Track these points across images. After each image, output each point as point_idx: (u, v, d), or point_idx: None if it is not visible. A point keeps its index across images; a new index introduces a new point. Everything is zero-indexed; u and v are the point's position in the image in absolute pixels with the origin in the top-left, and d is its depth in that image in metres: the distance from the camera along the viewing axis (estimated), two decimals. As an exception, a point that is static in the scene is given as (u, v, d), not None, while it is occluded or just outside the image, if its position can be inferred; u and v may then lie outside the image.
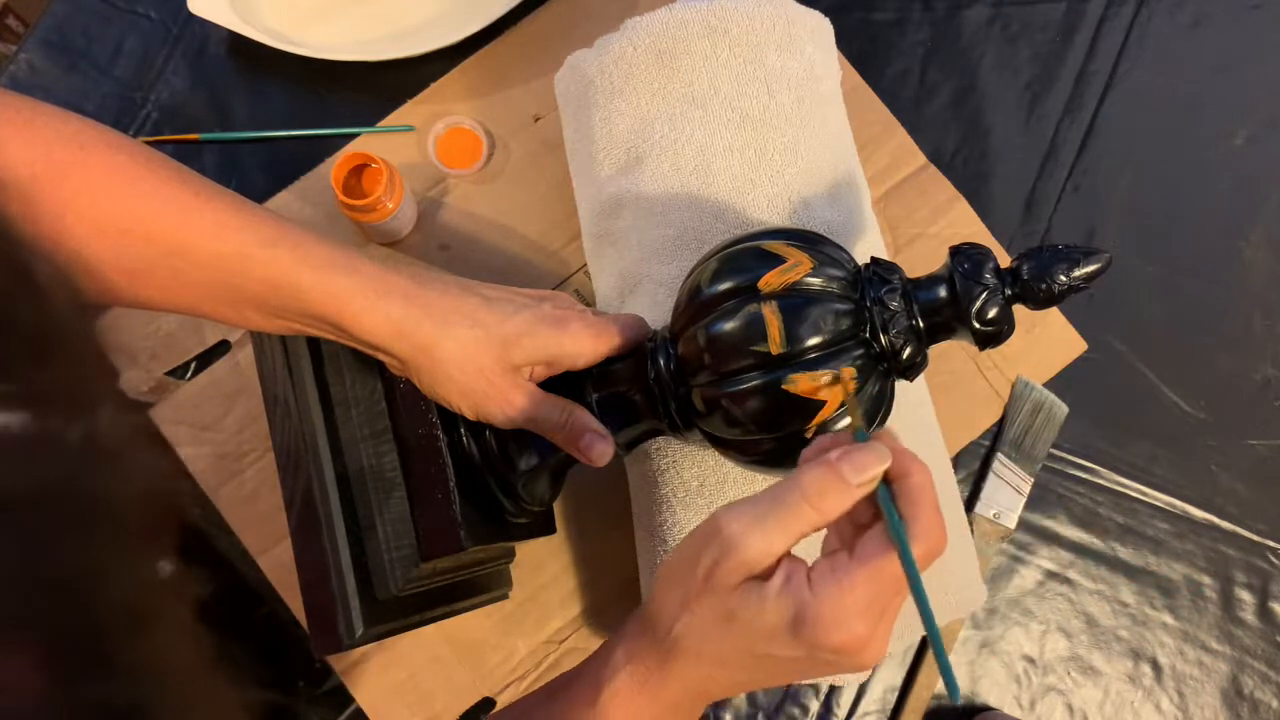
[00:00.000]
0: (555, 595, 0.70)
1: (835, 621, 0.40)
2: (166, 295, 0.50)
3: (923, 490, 0.41)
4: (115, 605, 0.24)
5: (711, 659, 0.43)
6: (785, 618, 0.40)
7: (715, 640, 0.42)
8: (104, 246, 0.47)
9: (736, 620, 0.41)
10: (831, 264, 0.51)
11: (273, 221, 0.50)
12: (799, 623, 0.40)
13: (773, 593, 0.41)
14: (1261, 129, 0.80)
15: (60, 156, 0.46)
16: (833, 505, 0.41)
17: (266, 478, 0.70)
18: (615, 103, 0.64)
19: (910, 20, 0.81)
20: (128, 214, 0.47)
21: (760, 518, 0.41)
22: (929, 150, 0.77)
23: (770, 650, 0.41)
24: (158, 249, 0.48)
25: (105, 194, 0.47)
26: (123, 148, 0.48)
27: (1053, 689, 0.72)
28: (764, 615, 0.41)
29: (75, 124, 0.47)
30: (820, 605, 0.40)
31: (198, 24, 0.76)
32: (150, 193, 0.48)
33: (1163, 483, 0.75)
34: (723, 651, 0.43)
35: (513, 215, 0.74)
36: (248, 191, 0.75)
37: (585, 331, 0.54)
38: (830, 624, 0.40)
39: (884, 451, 0.41)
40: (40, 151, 0.46)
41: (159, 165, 0.49)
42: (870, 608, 0.40)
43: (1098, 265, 0.49)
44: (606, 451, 0.55)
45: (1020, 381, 0.74)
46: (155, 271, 0.48)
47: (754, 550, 0.41)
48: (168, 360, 0.72)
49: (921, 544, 0.40)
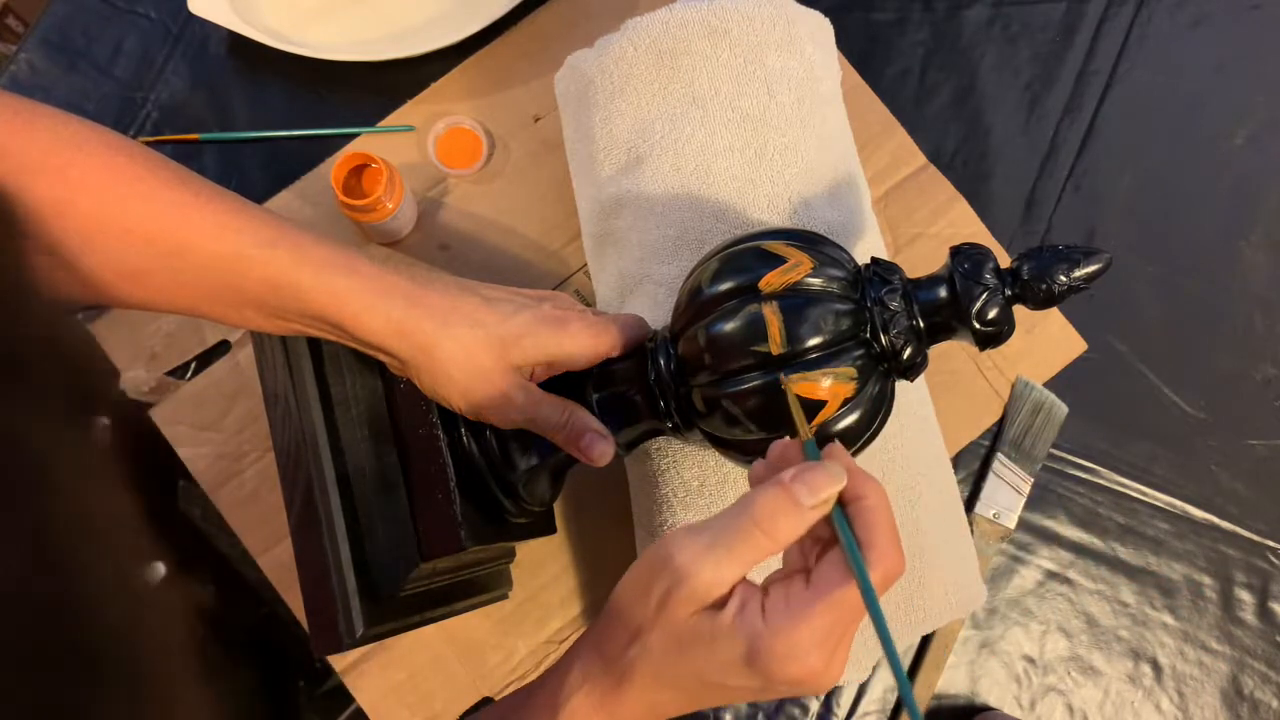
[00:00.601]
0: (555, 595, 0.70)
1: (790, 655, 0.39)
2: (166, 296, 0.50)
3: (878, 512, 0.40)
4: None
5: (668, 684, 0.42)
6: (739, 651, 0.39)
7: (669, 668, 0.42)
8: (104, 247, 0.47)
9: (689, 651, 0.41)
10: (832, 264, 0.51)
11: (272, 222, 0.50)
12: (753, 656, 0.39)
13: (725, 624, 0.40)
14: (1261, 129, 0.80)
15: (59, 158, 0.46)
16: (786, 530, 0.40)
17: (266, 478, 0.70)
18: (615, 103, 0.64)
19: (910, 20, 0.81)
20: (127, 215, 0.47)
21: (711, 546, 0.40)
22: (929, 150, 0.77)
23: (724, 680, 0.41)
24: (157, 249, 0.48)
25: (105, 195, 0.47)
26: (122, 149, 0.48)
27: (1053, 689, 0.72)
28: (717, 648, 0.40)
29: (74, 125, 0.47)
30: (774, 640, 0.39)
31: (198, 24, 0.76)
32: (150, 194, 0.48)
33: (1163, 483, 0.75)
34: (678, 678, 0.42)
35: (513, 215, 0.74)
36: (248, 191, 0.75)
37: (585, 332, 0.54)
38: (785, 658, 0.39)
39: (839, 471, 0.40)
40: (38, 153, 0.46)
41: (158, 166, 0.49)
42: (827, 639, 0.39)
43: (1098, 265, 0.49)
44: (607, 452, 0.55)
45: (1020, 381, 0.74)
46: (155, 272, 0.48)
47: (705, 580, 0.40)
48: (168, 360, 0.72)
49: (879, 569, 0.39)
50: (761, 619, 0.39)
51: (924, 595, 0.61)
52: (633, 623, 0.42)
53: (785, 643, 0.39)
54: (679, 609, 0.40)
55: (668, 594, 0.40)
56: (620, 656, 0.43)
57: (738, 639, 0.39)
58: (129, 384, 0.71)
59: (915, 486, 0.62)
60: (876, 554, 0.39)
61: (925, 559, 0.61)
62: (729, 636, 0.40)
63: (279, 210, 0.74)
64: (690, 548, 0.40)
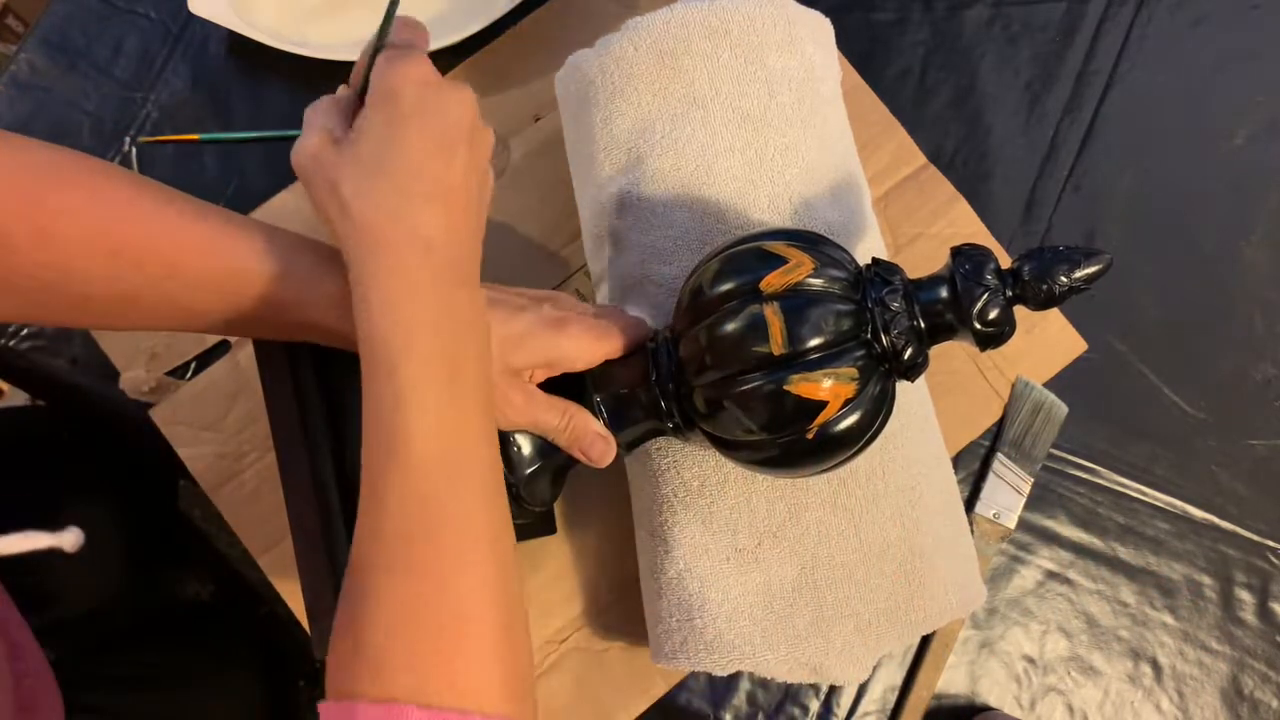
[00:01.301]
0: (555, 595, 0.70)
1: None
2: (161, 317, 0.50)
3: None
4: None
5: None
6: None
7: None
8: (92, 271, 0.46)
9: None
10: (833, 265, 0.51)
11: (263, 234, 0.49)
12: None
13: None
14: (1261, 129, 0.80)
15: (33, 183, 0.45)
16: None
17: (266, 478, 0.70)
18: (615, 103, 0.64)
19: (910, 20, 0.81)
20: (112, 238, 0.46)
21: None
22: (929, 150, 0.77)
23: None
24: (148, 272, 0.47)
25: (87, 218, 0.46)
26: (101, 172, 0.47)
27: (1053, 689, 0.72)
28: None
29: (48, 152, 0.46)
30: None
31: (198, 24, 0.76)
32: (135, 217, 0.47)
33: (1163, 483, 0.75)
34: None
35: (513, 215, 0.74)
36: (248, 191, 0.76)
37: (585, 334, 0.54)
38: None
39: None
40: (10, 180, 0.44)
41: (143, 188, 0.48)
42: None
43: (1098, 266, 0.49)
44: (609, 453, 0.55)
45: (1020, 382, 0.74)
46: (147, 294, 0.48)
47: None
48: (168, 360, 0.72)
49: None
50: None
51: (924, 595, 0.61)
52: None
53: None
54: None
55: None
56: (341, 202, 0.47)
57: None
58: (129, 384, 0.71)
59: (915, 486, 0.62)
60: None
61: (925, 559, 0.61)
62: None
63: (279, 210, 0.74)
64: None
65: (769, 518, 0.60)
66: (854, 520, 0.60)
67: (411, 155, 0.46)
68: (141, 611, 0.83)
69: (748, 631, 0.60)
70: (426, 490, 0.43)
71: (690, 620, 0.60)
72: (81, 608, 0.75)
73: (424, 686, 0.39)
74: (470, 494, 0.44)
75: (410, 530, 0.43)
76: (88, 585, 0.76)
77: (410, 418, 0.44)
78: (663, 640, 0.62)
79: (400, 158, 0.46)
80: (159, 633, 0.83)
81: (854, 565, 0.60)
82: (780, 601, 0.60)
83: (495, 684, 0.41)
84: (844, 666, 0.61)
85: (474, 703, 0.40)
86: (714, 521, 0.60)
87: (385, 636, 0.40)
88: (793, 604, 0.60)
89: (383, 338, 0.44)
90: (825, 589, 0.60)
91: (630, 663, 0.69)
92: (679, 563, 0.60)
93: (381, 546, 0.43)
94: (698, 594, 0.60)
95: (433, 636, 0.41)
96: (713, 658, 0.60)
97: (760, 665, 0.60)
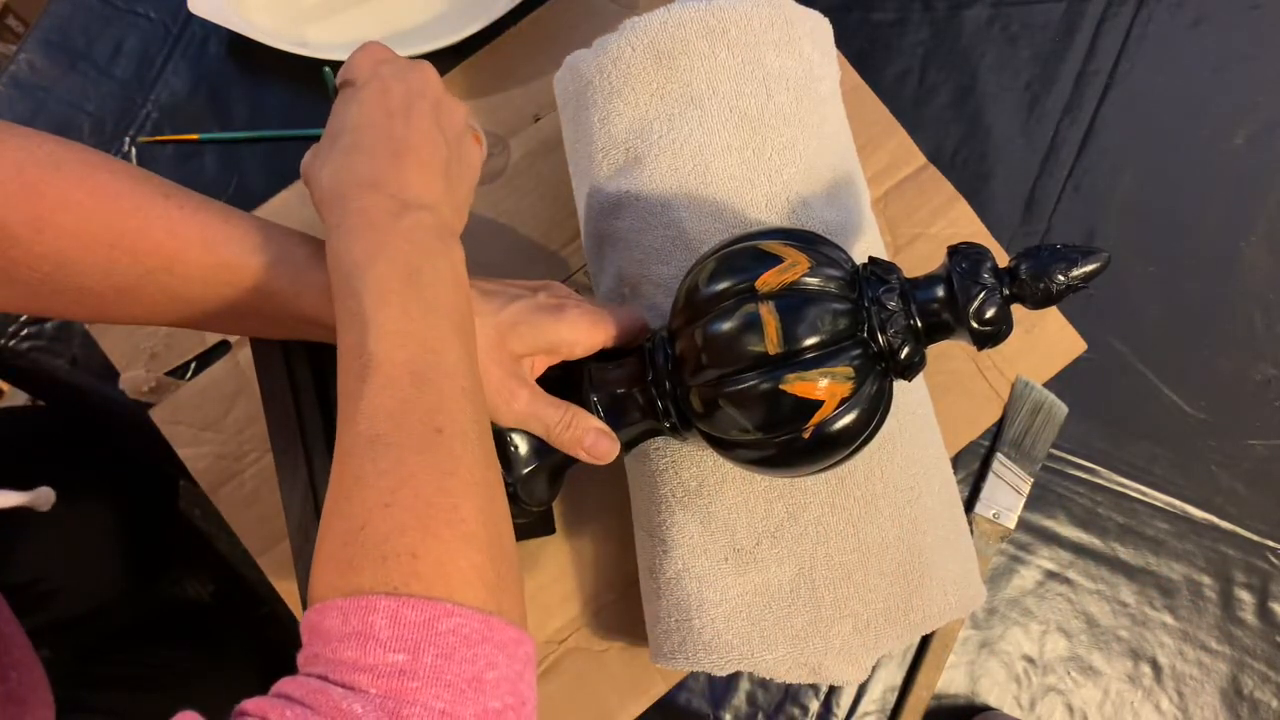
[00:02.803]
0: (555, 595, 0.70)
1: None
2: (160, 310, 0.50)
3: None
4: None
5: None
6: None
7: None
8: (91, 264, 0.46)
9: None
10: (829, 264, 0.51)
11: (259, 228, 0.50)
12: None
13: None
14: (1261, 129, 0.80)
15: (33, 175, 0.45)
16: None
17: (266, 478, 0.70)
18: (613, 103, 0.64)
19: (910, 20, 0.81)
20: (111, 230, 0.46)
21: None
22: (929, 150, 0.77)
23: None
24: (145, 264, 0.47)
25: (86, 209, 0.46)
26: (101, 165, 0.47)
27: (1053, 689, 0.72)
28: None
29: (49, 144, 0.47)
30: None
31: (198, 24, 0.76)
32: (133, 209, 0.47)
33: (1163, 483, 0.75)
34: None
35: (513, 215, 0.74)
36: (248, 191, 0.76)
37: (583, 319, 0.54)
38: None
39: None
40: (11, 171, 0.45)
41: (141, 181, 0.48)
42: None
43: (1096, 265, 0.49)
44: (613, 449, 0.55)
45: (1020, 381, 0.74)
46: (145, 287, 0.48)
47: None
48: (168, 360, 0.72)
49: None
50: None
51: (923, 595, 0.61)
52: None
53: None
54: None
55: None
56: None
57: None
58: (129, 384, 0.72)
59: (914, 486, 0.61)
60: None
61: (924, 559, 0.61)
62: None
63: (279, 210, 0.74)
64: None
65: (767, 518, 0.60)
66: (853, 520, 0.60)
67: (368, 117, 0.49)
68: (141, 611, 0.83)
69: (746, 631, 0.60)
70: (394, 393, 0.42)
71: (689, 620, 0.60)
72: (81, 607, 0.75)
73: (390, 577, 0.38)
74: (437, 393, 0.43)
75: (376, 432, 0.41)
76: (87, 585, 0.76)
77: (369, 325, 0.43)
78: (661, 640, 0.62)
79: (357, 121, 0.49)
80: (158, 633, 0.83)
81: (853, 565, 0.60)
82: (779, 601, 0.60)
83: (469, 574, 0.39)
84: (843, 667, 0.61)
85: (444, 591, 0.38)
86: (712, 521, 0.60)
87: (354, 534, 0.39)
88: (791, 604, 0.60)
89: (343, 262, 0.46)
90: (824, 589, 0.60)
91: (630, 663, 0.69)
92: (677, 563, 0.60)
93: (350, 458, 0.42)
94: (696, 594, 0.60)
95: (401, 528, 0.39)
96: (711, 658, 0.60)
97: (759, 665, 0.60)
